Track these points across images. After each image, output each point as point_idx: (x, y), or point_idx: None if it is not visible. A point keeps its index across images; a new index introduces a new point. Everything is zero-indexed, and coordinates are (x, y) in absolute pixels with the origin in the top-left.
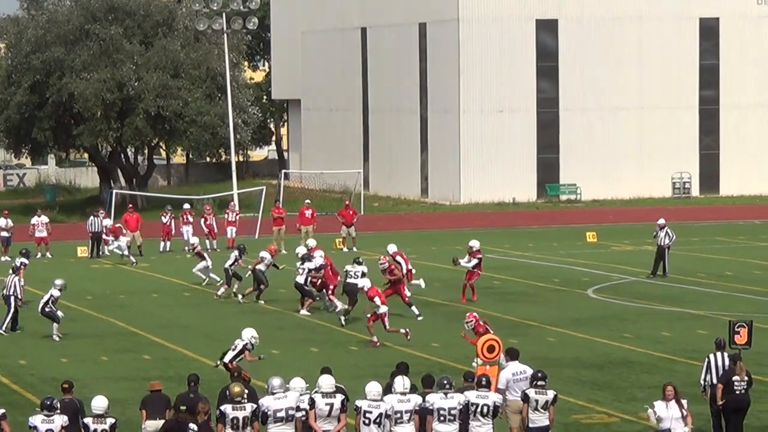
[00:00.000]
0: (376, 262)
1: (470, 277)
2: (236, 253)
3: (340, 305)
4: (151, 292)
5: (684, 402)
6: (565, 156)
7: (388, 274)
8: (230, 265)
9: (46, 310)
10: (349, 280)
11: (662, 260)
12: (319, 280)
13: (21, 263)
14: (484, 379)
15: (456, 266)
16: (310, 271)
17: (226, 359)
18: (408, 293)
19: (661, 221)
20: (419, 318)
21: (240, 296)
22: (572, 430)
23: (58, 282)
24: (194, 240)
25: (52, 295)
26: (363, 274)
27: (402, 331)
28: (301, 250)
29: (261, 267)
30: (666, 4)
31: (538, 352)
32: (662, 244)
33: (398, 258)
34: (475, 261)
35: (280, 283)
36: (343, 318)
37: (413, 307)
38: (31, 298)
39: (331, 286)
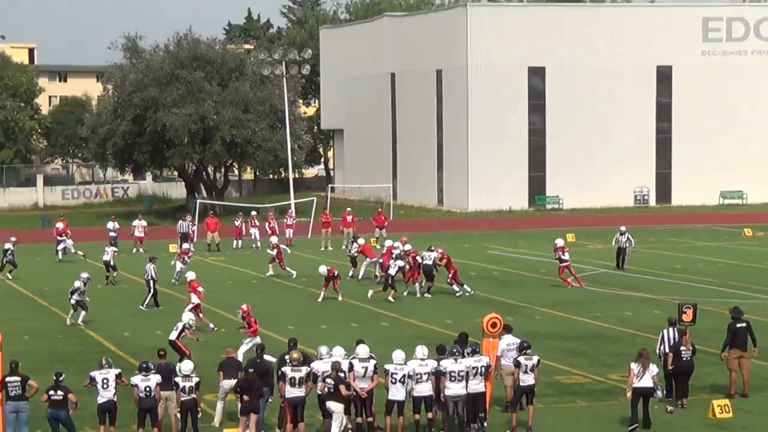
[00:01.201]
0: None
1: (562, 270)
2: (354, 240)
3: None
4: (226, 279)
5: (652, 366)
6: (550, 174)
7: (439, 261)
8: (352, 253)
9: (75, 299)
10: (425, 262)
11: (621, 257)
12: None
13: (113, 251)
14: (477, 347)
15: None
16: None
17: (171, 337)
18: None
19: (623, 228)
20: (468, 293)
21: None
22: (555, 387)
23: (84, 275)
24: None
25: (75, 286)
26: (432, 259)
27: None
28: (397, 250)
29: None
30: (629, 54)
31: (528, 328)
32: (622, 246)
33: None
34: (567, 255)
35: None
36: (426, 294)
37: (465, 286)
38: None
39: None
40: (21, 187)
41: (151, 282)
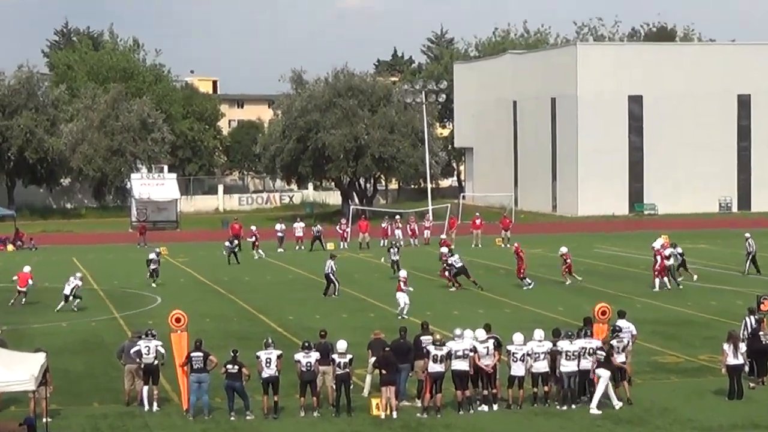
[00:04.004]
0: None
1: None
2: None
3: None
4: (373, 272)
5: (741, 345)
6: (647, 185)
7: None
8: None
9: (72, 294)
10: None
11: (752, 261)
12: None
13: (233, 245)
14: (588, 331)
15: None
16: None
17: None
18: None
19: (747, 234)
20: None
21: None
22: (652, 366)
23: (78, 274)
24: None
25: (76, 285)
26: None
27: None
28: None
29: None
30: (714, 84)
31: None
32: (750, 251)
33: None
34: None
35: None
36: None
37: (526, 280)
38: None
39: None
40: (205, 195)
41: (331, 275)
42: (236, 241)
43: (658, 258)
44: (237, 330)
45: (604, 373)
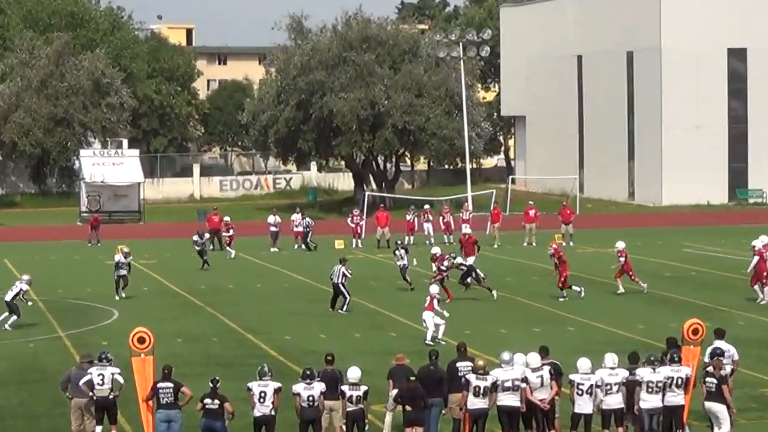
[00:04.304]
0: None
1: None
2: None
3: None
4: (394, 278)
5: None
6: (752, 165)
7: (555, 258)
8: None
9: (13, 301)
10: None
11: None
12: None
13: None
14: (675, 356)
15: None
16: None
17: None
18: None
19: None
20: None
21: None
22: (760, 401)
23: (26, 277)
24: None
25: (21, 289)
26: None
27: None
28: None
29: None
30: None
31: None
32: None
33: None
34: None
35: (507, 273)
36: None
37: (574, 287)
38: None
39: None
40: (176, 177)
41: (341, 286)
42: (207, 236)
43: (755, 259)
44: (218, 354)
45: (719, 409)
